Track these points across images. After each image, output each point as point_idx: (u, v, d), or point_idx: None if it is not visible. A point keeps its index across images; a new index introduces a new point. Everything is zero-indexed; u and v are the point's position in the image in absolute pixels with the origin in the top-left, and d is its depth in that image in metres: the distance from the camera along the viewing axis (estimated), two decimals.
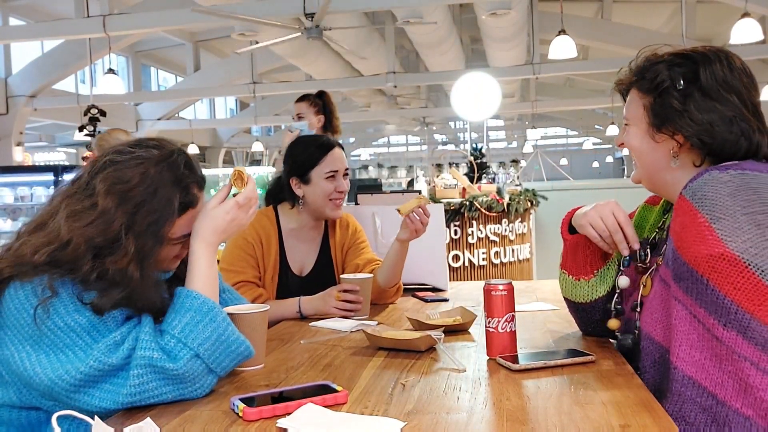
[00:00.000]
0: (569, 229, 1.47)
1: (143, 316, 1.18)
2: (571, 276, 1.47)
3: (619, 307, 1.39)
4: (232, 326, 1.20)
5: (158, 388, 1.10)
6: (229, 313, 1.32)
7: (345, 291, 1.86)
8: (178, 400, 1.13)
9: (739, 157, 1.22)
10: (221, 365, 1.17)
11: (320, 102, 3.49)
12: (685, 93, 1.24)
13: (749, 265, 1.07)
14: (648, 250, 1.37)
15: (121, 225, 1.18)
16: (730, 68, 1.24)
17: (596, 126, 20.53)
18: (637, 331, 1.30)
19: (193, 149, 13.83)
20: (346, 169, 2.10)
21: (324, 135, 2.12)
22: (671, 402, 1.15)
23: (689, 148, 1.25)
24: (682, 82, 1.24)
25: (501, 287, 1.31)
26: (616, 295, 1.40)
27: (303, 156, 2.07)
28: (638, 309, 1.31)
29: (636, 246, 1.35)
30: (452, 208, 4.10)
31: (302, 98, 3.58)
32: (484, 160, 5.59)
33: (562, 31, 5.91)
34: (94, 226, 1.17)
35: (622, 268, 1.39)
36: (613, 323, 1.38)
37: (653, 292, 1.26)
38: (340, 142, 2.24)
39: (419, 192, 2.89)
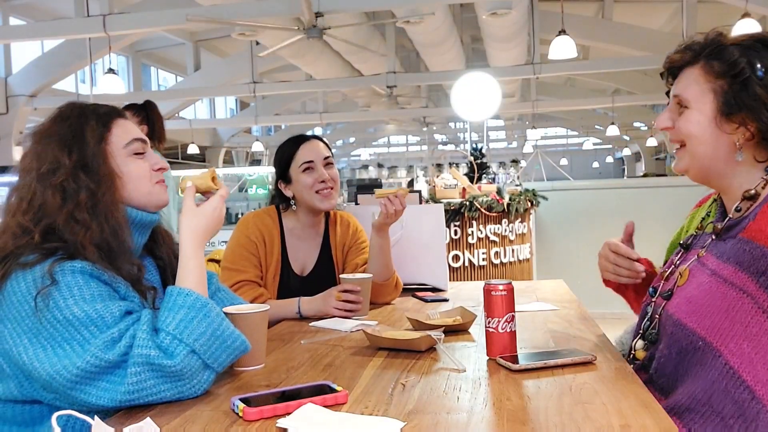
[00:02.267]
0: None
1: (143, 312, 1.18)
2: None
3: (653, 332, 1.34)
4: (227, 321, 1.21)
5: (156, 386, 1.10)
6: (229, 314, 1.33)
7: (345, 291, 1.86)
8: (176, 399, 1.12)
9: None
10: (218, 360, 1.17)
11: (143, 112, 3.64)
12: (764, 80, 1.17)
13: None
14: (690, 241, 1.36)
15: (63, 181, 1.24)
16: None
17: (596, 126, 20.52)
18: (658, 316, 1.29)
19: (193, 149, 13.86)
20: (327, 157, 2.07)
21: (302, 134, 2.11)
22: (702, 390, 1.14)
23: (757, 142, 1.20)
24: (762, 70, 1.17)
25: (501, 287, 1.31)
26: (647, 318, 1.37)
27: (280, 157, 2.09)
28: (670, 294, 1.29)
29: (640, 269, 1.39)
30: (452, 208, 4.10)
31: (126, 108, 3.62)
32: (484, 160, 5.59)
33: (563, 31, 5.91)
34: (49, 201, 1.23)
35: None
36: (641, 354, 1.34)
37: (697, 282, 1.24)
38: (339, 142, 2.24)
39: (419, 192, 2.89)
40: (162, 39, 12.48)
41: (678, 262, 1.35)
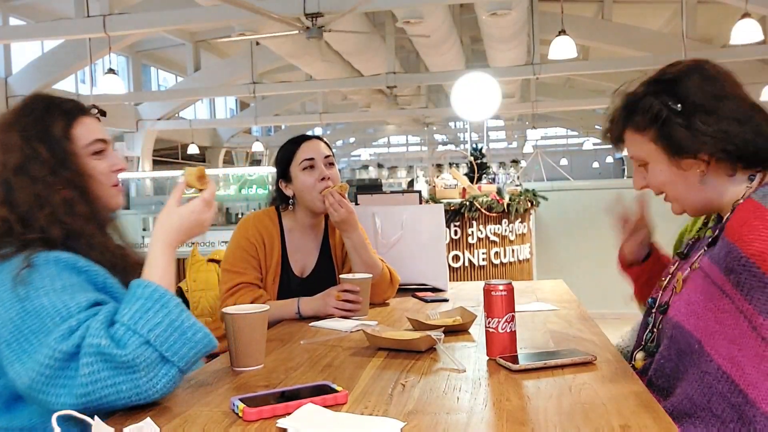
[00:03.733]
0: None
1: (105, 305, 1.16)
2: (639, 301, 1.59)
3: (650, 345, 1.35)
4: (187, 313, 1.16)
5: (110, 378, 1.07)
6: (229, 314, 1.33)
7: (345, 291, 1.86)
8: (136, 397, 1.08)
9: (765, 155, 1.22)
10: (178, 354, 1.12)
11: None
12: (684, 113, 1.22)
13: None
14: (687, 249, 1.37)
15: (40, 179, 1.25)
16: (707, 78, 1.24)
17: (596, 126, 20.50)
18: (656, 329, 1.30)
19: (193, 149, 13.86)
20: (327, 156, 2.06)
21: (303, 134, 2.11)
22: (700, 393, 1.14)
23: (716, 162, 1.23)
24: (677, 105, 1.22)
25: (501, 287, 1.31)
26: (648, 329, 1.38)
27: (281, 155, 2.09)
28: (666, 307, 1.30)
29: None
30: (452, 208, 4.10)
31: None
32: (484, 160, 5.59)
33: (563, 32, 5.91)
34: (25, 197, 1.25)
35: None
36: (640, 364, 1.35)
37: (692, 284, 1.25)
38: (339, 142, 2.24)
39: (419, 192, 2.89)
40: (162, 39, 12.48)
41: (673, 271, 1.37)
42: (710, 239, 1.29)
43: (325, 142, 2.12)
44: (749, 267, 1.11)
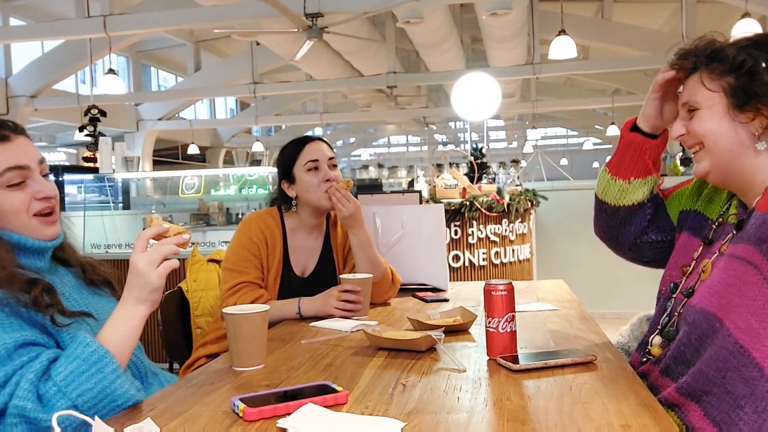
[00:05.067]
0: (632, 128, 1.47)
1: (42, 352, 1.12)
2: (609, 173, 1.50)
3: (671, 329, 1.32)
4: (122, 379, 1.12)
5: None
6: (230, 313, 1.33)
7: (346, 291, 1.86)
8: None
9: None
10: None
11: None
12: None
13: None
14: (712, 235, 1.33)
15: None
16: None
17: (596, 126, 20.52)
18: (678, 313, 1.28)
19: (193, 149, 13.86)
20: (331, 158, 2.07)
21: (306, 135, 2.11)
22: (715, 369, 1.12)
23: None
24: (764, 62, 1.20)
25: (501, 287, 1.31)
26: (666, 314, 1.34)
27: (284, 157, 2.09)
28: (692, 291, 1.27)
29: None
30: (452, 208, 4.10)
31: None
32: (484, 160, 5.58)
33: (563, 31, 5.91)
34: None
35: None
36: (657, 350, 1.32)
37: (717, 269, 1.22)
38: (339, 142, 2.24)
39: (419, 192, 2.89)
40: (162, 39, 12.49)
41: (698, 256, 1.33)
42: (737, 224, 1.25)
43: (328, 144, 2.13)
44: None
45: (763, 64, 1.20)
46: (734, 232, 1.25)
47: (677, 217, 1.46)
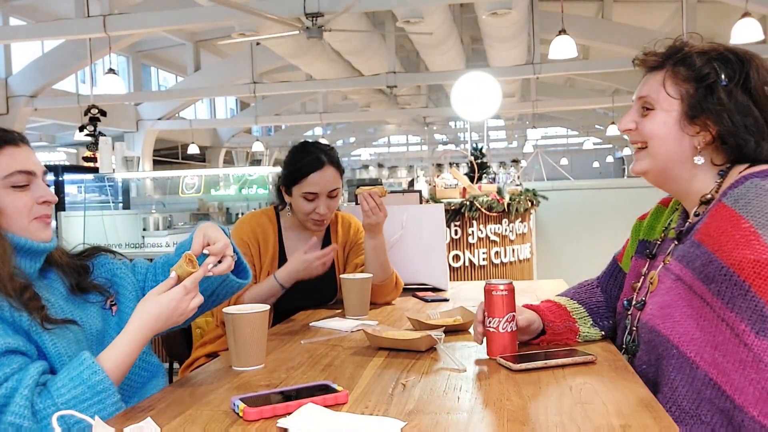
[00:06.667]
0: None
1: (29, 365, 1.12)
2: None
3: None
4: (119, 411, 1.13)
5: None
6: (229, 313, 1.33)
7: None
8: None
9: (751, 159, 1.22)
10: None
11: None
12: (730, 90, 1.21)
13: None
14: (655, 250, 1.36)
15: None
16: (760, 70, 1.23)
17: (597, 126, 20.51)
18: (635, 328, 1.30)
19: (193, 149, 13.86)
20: (333, 190, 2.03)
21: (320, 150, 2.03)
22: (688, 400, 1.14)
23: (716, 146, 1.23)
24: (726, 79, 1.21)
25: (501, 287, 1.31)
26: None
27: (290, 169, 2.05)
28: (642, 306, 1.29)
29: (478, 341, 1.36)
30: (452, 208, 4.10)
31: None
32: (484, 160, 5.58)
33: (563, 31, 5.91)
34: None
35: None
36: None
37: (665, 288, 1.25)
38: (339, 142, 2.24)
39: (419, 192, 2.89)
40: (162, 39, 12.49)
41: (645, 271, 1.36)
42: (676, 235, 1.29)
43: (340, 169, 2.07)
44: (730, 276, 1.11)
45: (723, 82, 1.21)
46: (675, 243, 1.29)
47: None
